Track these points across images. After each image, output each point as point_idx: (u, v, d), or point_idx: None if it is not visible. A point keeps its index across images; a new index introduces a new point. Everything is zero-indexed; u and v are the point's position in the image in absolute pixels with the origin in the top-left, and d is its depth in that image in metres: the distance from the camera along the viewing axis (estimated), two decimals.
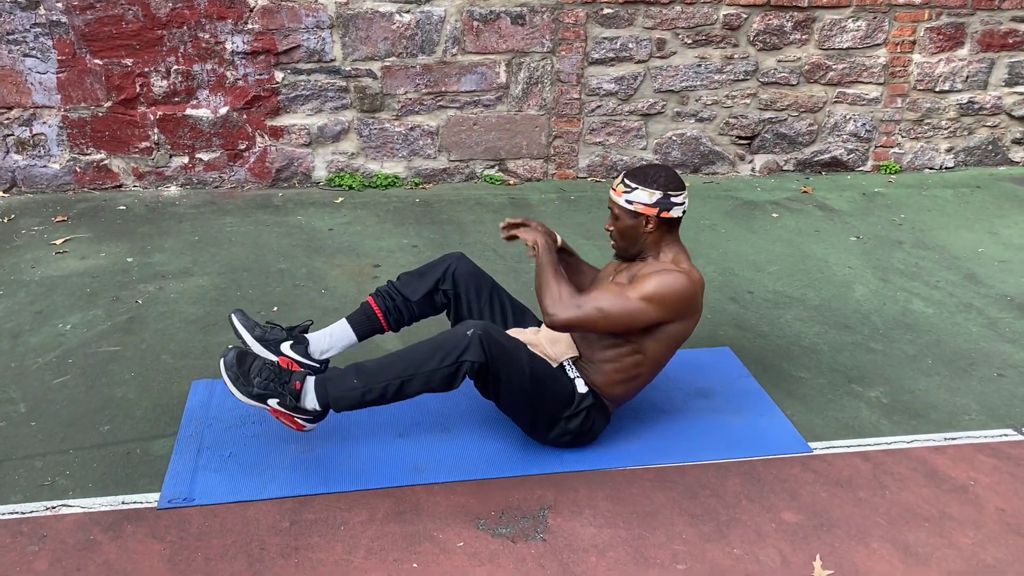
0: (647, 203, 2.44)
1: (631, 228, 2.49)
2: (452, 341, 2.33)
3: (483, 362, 2.32)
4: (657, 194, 2.44)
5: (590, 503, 2.42)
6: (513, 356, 2.39)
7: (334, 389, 2.37)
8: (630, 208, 2.45)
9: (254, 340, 2.59)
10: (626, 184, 2.46)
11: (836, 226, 4.45)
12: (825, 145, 5.19)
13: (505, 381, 2.39)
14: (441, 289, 2.69)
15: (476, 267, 2.76)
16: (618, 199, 2.47)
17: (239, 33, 4.39)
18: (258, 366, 2.34)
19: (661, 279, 2.41)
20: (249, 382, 2.32)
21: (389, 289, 2.72)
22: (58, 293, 3.52)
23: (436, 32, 4.55)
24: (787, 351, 3.24)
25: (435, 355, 2.33)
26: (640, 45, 4.76)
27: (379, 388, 2.34)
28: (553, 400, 2.48)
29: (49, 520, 2.30)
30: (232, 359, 2.33)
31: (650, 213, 2.45)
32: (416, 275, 2.73)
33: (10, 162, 4.47)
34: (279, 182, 4.75)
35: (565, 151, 4.94)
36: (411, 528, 2.31)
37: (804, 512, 2.40)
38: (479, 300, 2.70)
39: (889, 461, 2.63)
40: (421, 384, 2.34)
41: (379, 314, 2.68)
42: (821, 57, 4.96)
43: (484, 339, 2.32)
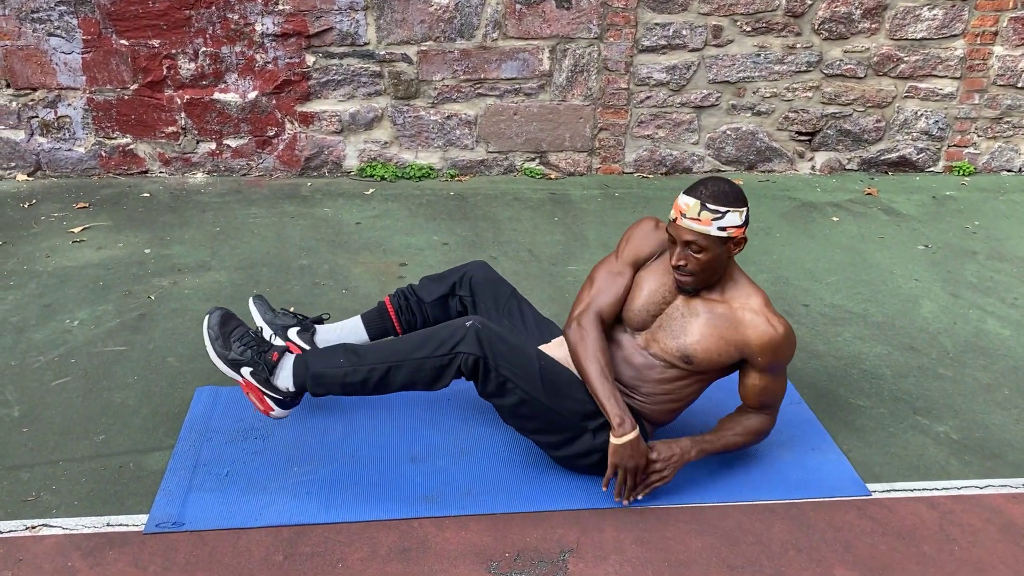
0: (739, 224, 2.15)
1: (719, 258, 2.18)
2: (448, 330, 2.17)
3: (479, 355, 2.11)
4: (744, 210, 2.16)
5: (617, 547, 2.16)
6: (518, 352, 2.17)
7: (316, 364, 2.22)
8: (724, 236, 2.14)
9: (264, 323, 2.58)
10: (712, 210, 2.11)
11: (902, 232, 4.10)
12: (893, 143, 4.82)
13: (512, 380, 2.15)
14: (458, 295, 2.57)
15: (497, 276, 2.60)
16: (707, 229, 2.12)
17: (269, 14, 4.18)
18: (241, 331, 2.27)
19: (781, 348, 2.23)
20: (227, 345, 2.23)
21: (406, 290, 2.64)
22: (70, 285, 3.37)
23: (476, 15, 4.29)
24: (845, 374, 2.93)
25: (428, 343, 2.16)
26: (694, 32, 4.44)
27: (364, 370, 2.18)
28: (570, 406, 2.22)
29: (27, 542, 2.13)
30: (216, 319, 2.27)
31: (740, 235, 2.17)
32: (436, 278, 2.65)
33: (34, 145, 4.34)
34: (309, 171, 4.55)
35: (611, 144, 4.65)
36: (415, 568, 2.08)
37: (860, 568, 2.12)
38: (497, 309, 2.53)
39: (959, 509, 2.33)
40: (409, 373, 2.16)
41: (392, 313, 2.58)
42: (892, 48, 4.58)
43: (482, 332, 2.13)
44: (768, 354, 2.20)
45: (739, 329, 2.20)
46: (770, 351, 2.20)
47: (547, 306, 3.26)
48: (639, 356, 2.30)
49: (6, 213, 4.01)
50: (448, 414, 2.64)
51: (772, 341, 2.19)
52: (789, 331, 2.21)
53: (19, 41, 4.13)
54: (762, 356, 2.20)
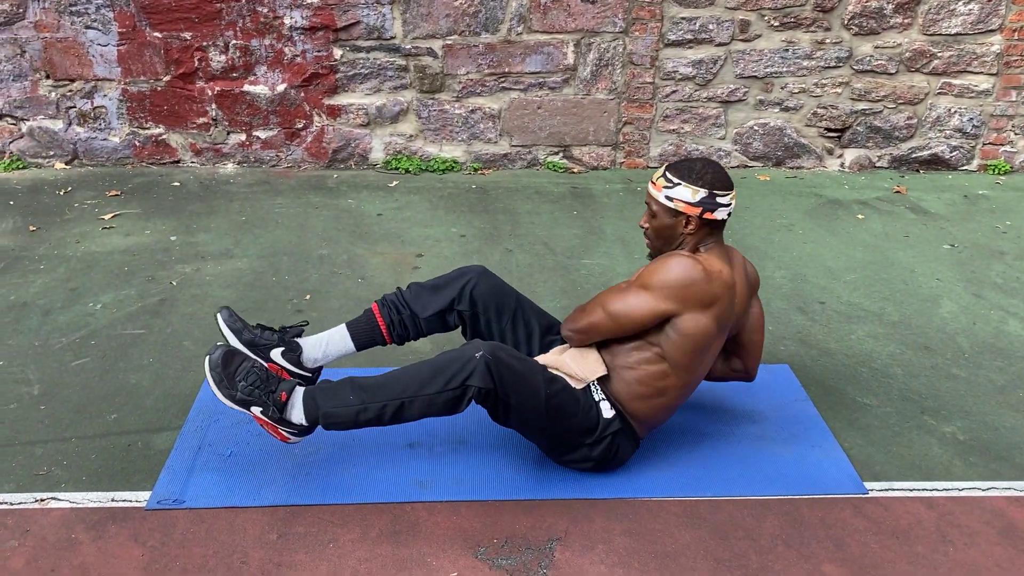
0: (689, 201, 2.17)
1: (668, 227, 2.23)
2: (458, 363, 2.11)
3: (490, 388, 2.10)
4: (702, 192, 2.16)
5: (605, 537, 2.18)
6: (526, 381, 2.15)
7: (326, 403, 2.18)
8: (669, 205, 2.19)
9: (242, 345, 2.38)
10: (667, 178, 2.20)
11: (929, 231, 4.03)
12: (925, 141, 4.73)
13: (516, 407, 2.16)
14: (456, 309, 2.42)
15: (499, 283, 2.46)
16: (657, 194, 2.21)
17: (298, 8, 4.25)
18: (245, 368, 2.17)
19: (662, 264, 2.18)
20: (234, 385, 2.15)
21: (397, 299, 2.45)
22: (96, 270, 3.48)
23: (501, 9, 4.31)
24: (854, 372, 2.90)
25: (439, 377, 2.11)
26: (721, 26, 4.41)
27: (376, 408, 2.14)
28: (573, 428, 2.25)
29: (36, 514, 2.21)
30: (218, 358, 2.16)
31: (691, 213, 2.18)
32: (429, 289, 2.44)
33: (72, 134, 4.48)
34: (335, 163, 4.63)
35: (635, 139, 4.64)
36: (404, 551, 2.12)
37: (849, 565, 2.10)
38: (500, 321, 2.43)
39: (958, 511, 2.29)
40: (422, 407, 2.14)
41: (382, 326, 2.42)
42: (925, 44, 4.49)
43: (492, 364, 2.09)
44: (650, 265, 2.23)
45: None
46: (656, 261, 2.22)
47: (558, 299, 3.28)
48: (614, 341, 2.31)
49: (42, 200, 4.15)
50: None
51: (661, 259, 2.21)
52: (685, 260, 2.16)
53: (58, 34, 4.26)
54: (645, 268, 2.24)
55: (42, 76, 4.36)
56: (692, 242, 2.24)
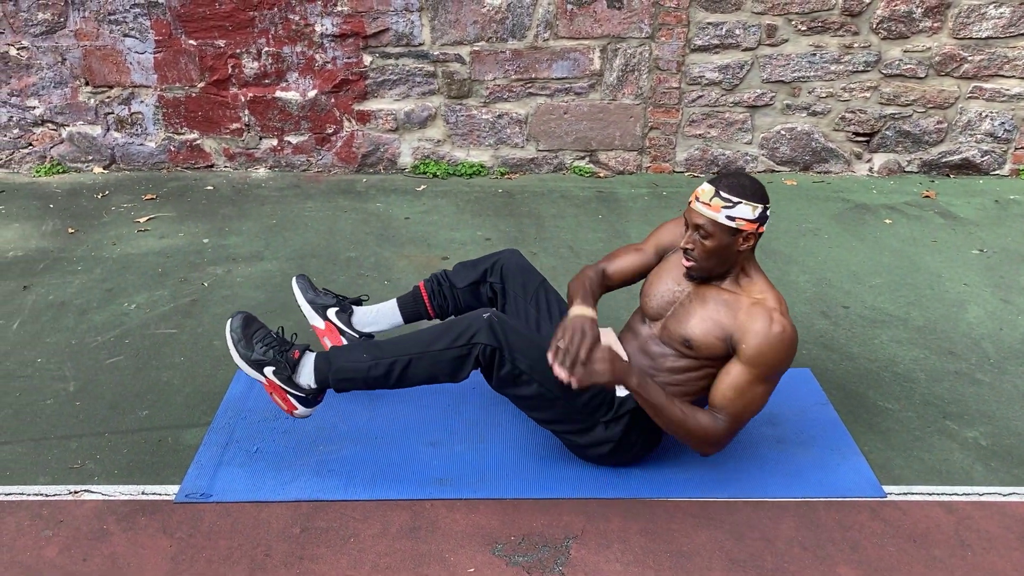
0: (750, 219, 2.15)
1: (726, 247, 2.19)
2: (465, 322, 2.22)
3: (495, 346, 2.16)
4: (760, 207, 2.16)
5: (621, 536, 2.20)
6: (533, 346, 2.21)
7: (339, 359, 2.28)
8: (732, 225, 2.15)
9: (305, 301, 2.67)
10: (725, 198, 2.14)
11: (957, 236, 4.00)
12: (955, 145, 4.69)
13: (528, 372, 2.20)
14: (488, 281, 2.62)
15: (528, 264, 2.64)
16: (715, 215, 2.15)
17: (328, 15, 4.34)
18: (262, 333, 2.32)
19: (773, 349, 2.12)
20: (250, 347, 2.29)
21: (440, 275, 2.68)
22: (131, 272, 3.58)
23: (528, 16, 4.36)
24: (876, 377, 2.90)
25: (447, 335, 2.21)
26: (748, 31, 4.41)
27: (385, 364, 2.23)
28: (588, 400, 2.26)
29: (69, 505, 2.29)
30: (239, 322, 2.32)
31: (751, 229, 2.17)
32: (469, 265, 2.68)
33: (110, 139, 4.60)
34: (365, 167, 4.70)
35: (661, 143, 4.66)
36: (423, 547, 2.16)
37: (865, 568, 2.10)
38: (525, 297, 2.57)
39: (977, 516, 2.28)
40: (428, 365, 2.21)
41: (425, 297, 2.65)
42: (955, 47, 4.46)
43: (497, 323, 2.18)
44: (754, 345, 2.13)
45: (737, 315, 2.19)
46: (757, 342, 2.13)
47: None
48: (654, 345, 2.34)
49: (81, 203, 4.27)
50: (470, 403, 2.72)
51: (763, 333, 2.12)
52: (789, 335, 2.14)
53: (97, 42, 4.39)
54: (747, 344, 2.14)
55: (82, 83, 4.48)
56: (743, 258, 2.25)
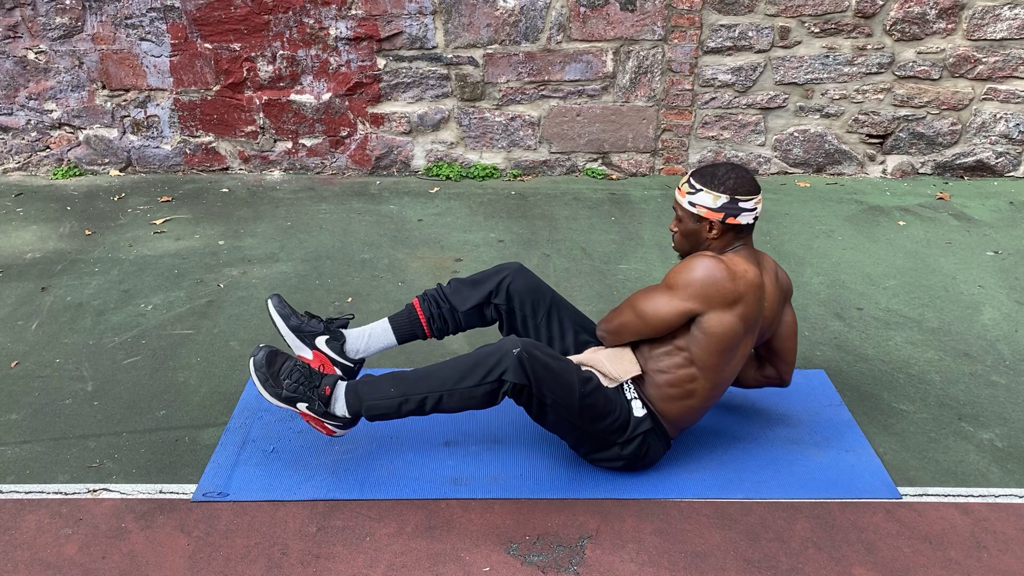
0: (710, 207, 2.21)
1: (693, 232, 2.28)
2: (495, 357, 2.18)
3: (524, 384, 2.16)
4: (723, 198, 2.20)
5: (636, 536, 2.21)
6: (561, 380, 2.20)
7: (368, 396, 2.26)
8: (692, 211, 2.24)
9: (288, 330, 2.49)
10: (691, 184, 2.24)
11: (972, 238, 3.98)
12: (969, 147, 4.67)
13: (552, 405, 2.21)
14: (493, 303, 2.49)
15: (536, 281, 2.52)
16: (681, 199, 2.27)
17: (343, 19, 4.36)
18: (289, 367, 2.26)
19: (686, 264, 2.22)
20: (279, 384, 2.25)
21: (437, 294, 2.53)
22: (148, 273, 3.60)
23: (541, 18, 4.37)
24: (891, 378, 2.89)
25: (475, 372, 2.18)
26: (761, 33, 4.41)
27: (416, 400, 2.22)
28: (605, 426, 2.28)
29: (88, 503, 2.32)
30: (262, 359, 2.25)
31: (713, 218, 2.21)
32: (468, 284, 2.52)
33: (126, 142, 4.64)
34: (378, 170, 4.72)
35: (674, 145, 4.66)
36: (438, 546, 2.17)
37: (880, 569, 2.10)
38: (535, 317, 2.49)
39: (993, 517, 2.28)
40: (460, 400, 2.21)
41: (423, 320, 2.51)
42: (969, 49, 4.45)
43: (526, 360, 2.15)
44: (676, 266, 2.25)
45: None
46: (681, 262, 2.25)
47: (594, 303, 3.31)
48: (645, 343, 2.35)
49: (98, 205, 4.31)
50: None
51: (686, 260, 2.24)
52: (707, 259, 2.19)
53: (114, 45, 4.42)
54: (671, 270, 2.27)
55: (98, 86, 4.52)
56: (718, 246, 2.27)
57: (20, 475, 2.42)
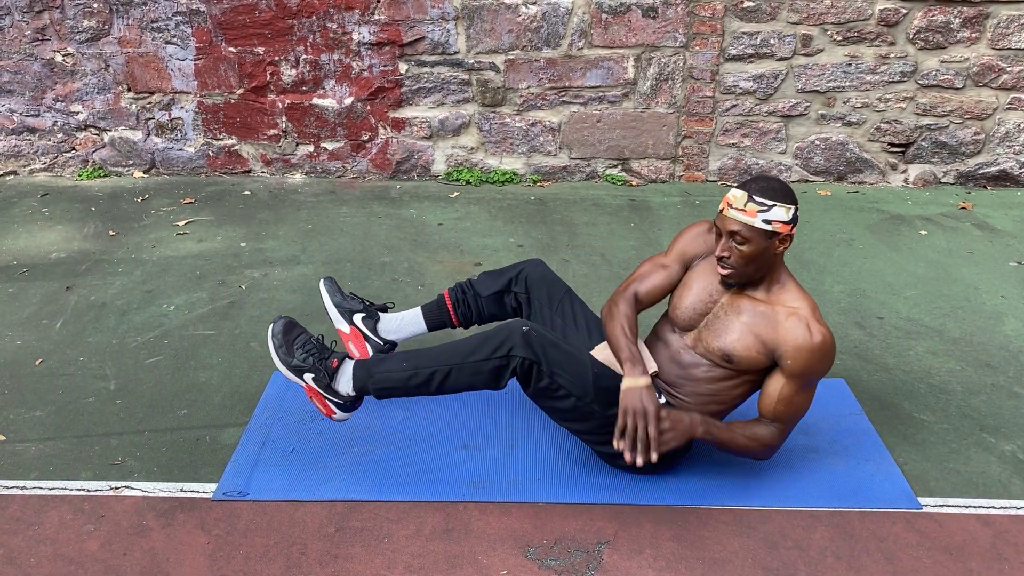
0: (785, 220, 2.17)
1: (763, 251, 2.19)
2: (503, 333, 2.23)
3: (533, 360, 2.18)
4: (792, 208, 2.18)
5: (653, 542, 2.21)
6: (572, 358, 2.23)
7: (378, 369, 2.32)
8: (769, 228, 2.16)
9: (332, 304, 2.73)
10: (759, 202, 2.15)
11: (995, 248, 3.96)
12: (993, 156, 4.64)
13: (566, 386, 2.21)
14: (513, 291, 2.64)
15: (553, 275, 2.65)
16: (751, 220, 2.15)
17: (366, 24, 4.39)
18: (303, 339, 2.38)
19: (815, 359, 2.19)
20: (291, 352, 2.35)
21: (465, 284, 2.71)
22: (170, 274, 3.64)
23: (562, 25, 4.38)
24: (911, 388, 2.88)
25: (484, 346, 2.23)
26: (783, 41, 4.41)
27: (425, 373, 2.26)
28: None
29: (110, 500, 2.34)
30: (280, 327, 2.38)
31: (786, 231, 2.19)
32: (493, 274, 2.72)
33: (150, 144, 4.69)
34: (399, 174, 4.75)
35: (694, 152, 4.66)
36: (456, 548, 2.18)
37: None
38: (550, 307, 2.59)
39: (1015, 529, 2.26)
40: (468, 375, 2.24)
41: (449, 306, 2.68)
42: (994, 58, 4.42)
43: (535, 336, 2.20)
44: (798, 359, 2.17)
45: (777, 329, 2.20)
46: (800, 355, 2.17)
47: None
48: (686, 355, 2.34)
49: (122, 207, 4.35)
50: (503, 407, 2.74)
51: (805, 345, 2.16)
52: (828, 343, 2.17)
53: (140, 49, 4.48)
54: (791, 359, 2.17)
55: (124, 89, 4.57)
56: (780, 259, 2.27)
57: (44, 471, 2.45)
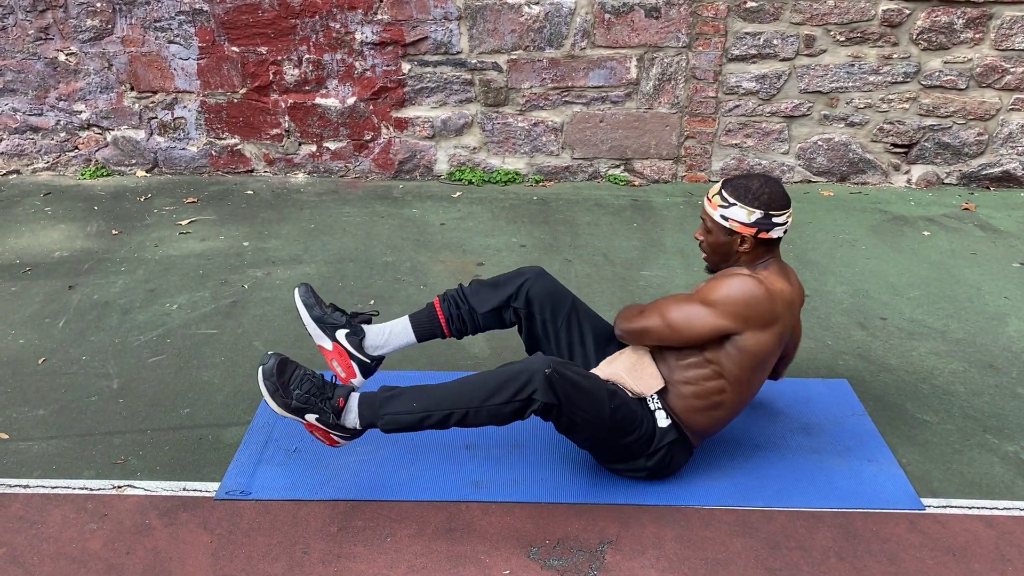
0: (744, 222, 2.19)
1: (723, 245, 2.26)
2: (525, 375, 2.12)
3: (555, 404, 2.13)
4: (757, 213, 2.18)
5: (656, 542, 2.21)
6: (591, 398, 2.18)
7: (387, 410, 2.19)
8: (724, 224, 2.22)
9: (311, 320, 2.45)
10: (723, 197, 2.21)
11: (997, 249, 3.95)
12: (996, 157, 4.63)
13: (582, 424, 2.20)
14: (512, 306, 2.47)
15: (556, 285, 2.49)
16: (712, 212, 2.23)
17: (368, 23, 4.39)
18: (299, 377, 2.19)
19: (725, 282, 2.20)
20: (288, 394, 2.17)
21: (457, 295, 2.51)
22: (173, 273, 3.64)
23: (565, 25, 4.38)
24: (914, 389, 2.87)
25: (504, 390, 2.13)
26: (786, 41, 4.40)
27: (439, 415, 2.17)
28: (632, 440, 2.28)
29: (113, 499, 2.34)
30: (272, 367, 2.17)
31: (746, 233, 2.20)
32: (489, 286, 2.51)
33: (153, 144, 4.69)
34: (401, 174, 4.75)
35: (697, 152, 4.66)
36: (459, 548, 2.18)
37: None
38: (555, 322, 2.46)
39: (1018, 530, 2.26)
40: (487, 417, 2.16)
41: (442, 320, 2.49)
42: (997, 59, 4.42)
43: (557, 380, 2.11)
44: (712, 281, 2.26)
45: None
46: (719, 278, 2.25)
47: (615, 309, 3.31)
48: (671, 353, 2.34)
49: (124, 206, 4.36)
50: None
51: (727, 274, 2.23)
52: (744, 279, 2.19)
53: (143, 48, 4.48)
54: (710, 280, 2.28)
55: (127, 88, 4.57)
56: (747, 260, 2.26)
57: (47, 470, 2.46)
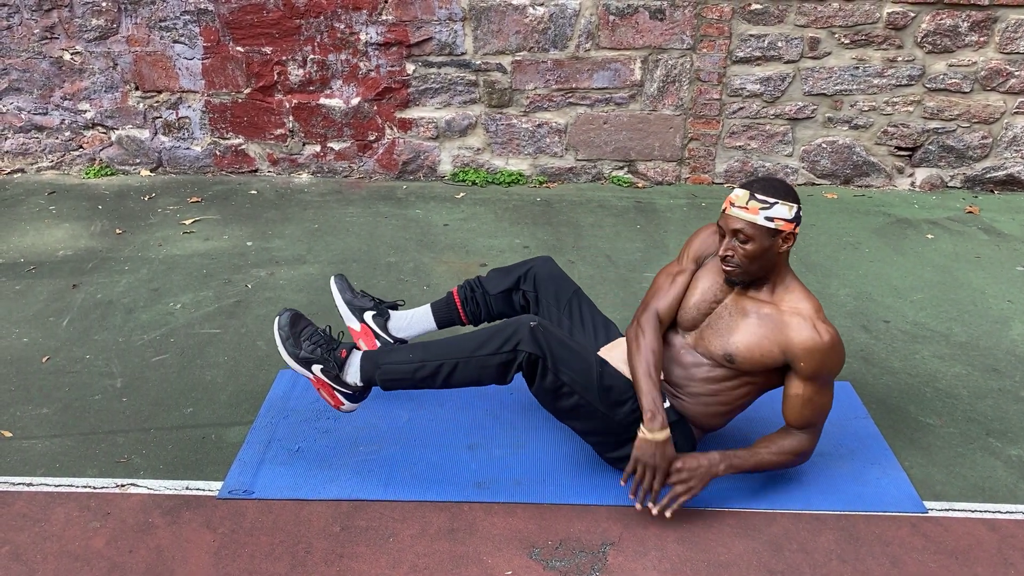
0: (788, 218, 2.17)
1: (766, 250, 2.19)
2: (511, 328, 2.24)
3: (538, 355, 2.18)
4: (795, 207, 2.19)
5: (658, 544, 2.21)
6: (578, 356, 2.23)
7: (385, 360, 2.32)
8: (771, 226, 2.16)
9: (343, 302, 2.71)
10: (761, 200, 2.15)
11: (1001, 252, 3.95)
12: (1000, 161, 4.63)
13: (570, 384, 2.21)
14: (521, 289, 2.64)
15: (561, 273, 2.65)
16: (754, 218, 2.15)
17: (373, 24, 4.40)
18: (310, 331, 2.38)
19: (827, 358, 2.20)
20: (298, 344, 2.35)
21: (473, 281, 2.71)
22: (177, 272, 3.65)
23: (569, 26, 4.39)
24: (918, 392, 2.87)
25: (492, 341, 2.24)
26: (790, 44, 4.40)
27: (432, 366, 2.27)
28: (625, 412, 2.27)
29: (116, 498, 2.35)
30: (286, 319, 2.36)
31: (790, 229, 2.19)
32: (502, 272, 2.70)
33: (157, 143, 4.70)
34: (405, 174, 4.75)
35: (701, 154, 4.66)
36: (461, 548, 2.18)
37: None
38: (558, 306, 2.59)
39: (1021, 534, 2.26)
40: (475, 369, 2.25)
41: (458, 304, 2.68)
42: (1002, 62, 4.41)
43: (540, 331, 2.21)
44: (811, 361, 2.17)
45: (784, 331, 2.20)
46: (813, 358, 2.17)
47: (618, 310, 3.31)
48: (688, 355, 2.34)
49: (128, 205, 4.37)
50: (509, 408, 2.74)
51: (816, 347, 2.16)
52: (836, 341, 2.18)
53: (148, 48, 4.49)
54: (804, 362, 2.17)
55: (131, 88, 4.59)
56: (784, 259, 2.26)
57: (50, 468, 2.46)
